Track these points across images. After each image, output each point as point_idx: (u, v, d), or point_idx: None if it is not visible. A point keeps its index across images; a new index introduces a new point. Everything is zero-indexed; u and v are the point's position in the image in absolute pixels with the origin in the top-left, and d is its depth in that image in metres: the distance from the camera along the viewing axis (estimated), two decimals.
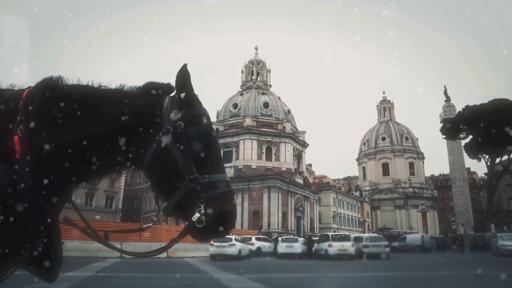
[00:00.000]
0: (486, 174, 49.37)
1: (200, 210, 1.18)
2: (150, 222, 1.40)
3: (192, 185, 1.20)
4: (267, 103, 60.76)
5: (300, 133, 64.00)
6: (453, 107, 53.86)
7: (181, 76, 1.28)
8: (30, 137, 1.19)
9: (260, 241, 26.85)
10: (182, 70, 1.28)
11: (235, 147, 56.52)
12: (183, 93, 1.28)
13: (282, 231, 48.51)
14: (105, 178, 1.38)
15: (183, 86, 1.28)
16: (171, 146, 1.22)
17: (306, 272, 13.58)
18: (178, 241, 1.30)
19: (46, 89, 1.28)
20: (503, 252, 22.53)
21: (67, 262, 5.27)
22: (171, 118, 1.25)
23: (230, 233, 20.66)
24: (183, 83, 1.28)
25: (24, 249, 1.19)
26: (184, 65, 1.29)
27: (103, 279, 10.13)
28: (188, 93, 1.29)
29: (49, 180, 1.19)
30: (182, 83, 1.28)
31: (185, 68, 1.28)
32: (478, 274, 11.63)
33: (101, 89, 1.34)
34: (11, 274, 1.26)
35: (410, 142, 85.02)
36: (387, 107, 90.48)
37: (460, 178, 51.96)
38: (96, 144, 1.24)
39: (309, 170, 79.04)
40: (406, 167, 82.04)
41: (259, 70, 66.43)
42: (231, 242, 20.38)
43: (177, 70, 1.29)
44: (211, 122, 1.34)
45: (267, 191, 51.95)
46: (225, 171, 1.31)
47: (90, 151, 1.24)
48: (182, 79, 1.28)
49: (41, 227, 1.21)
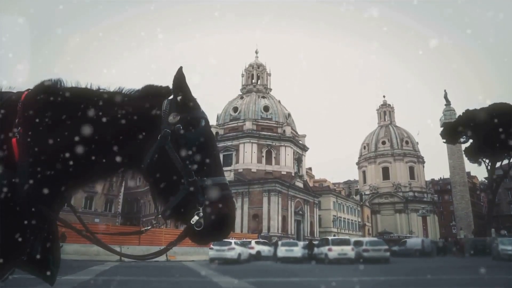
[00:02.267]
0: (486, 178, 49.29)
1: (198, 213, 1.18)
2: (150, 225, 1.40)
3: (190, 188, 1.19)
4: (267, 106, 60.82)
5: (300, 137, 64.01)
6: (453, 111, 53.96)
7: (177, 79, 1.28)
8: (28, 140, 1.19)
9: (260, 245, 26.77)
10: (177, 73, 1.28)
11: (235, 150, 56.49)
12: (179, 96, 1.28)
13: (282, 235, 48.35)
14: (104, 182, 1.38)
15: (179, 89, 1.28)
16: (170, 149, 1.22)
17: (305, 276, 13.53)
18: (177, 244, 1.30)
19: (45, 92, 1.28)
20: (503, 256, 22.47)
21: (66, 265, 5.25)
22: (170, 121, 1.25)
23: (230, 237, 20.74)
24: (179, 86, 1.28)
25: (21, 251, 1.18)
26: (180, 68, 1.29)
27: (102, 283, 10.08)
28: (185, 96, 1.29)
29: (47, 183, 1.19)
30: (178, 86, 1.28)
31: (181, 71, 1.28)
32: (479, 278, 11.58)
33: (99, 92, 1.34)
34: (9, 277, 1.26)
35: (410, 146, 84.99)
36: (387, 111, 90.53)
37: (460, 182, 51.95)
38: (95, 147, 1.24)
39: (309, 174, 78.95)
40: (406, 171, 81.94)
41: (260, 74, 66.57)
42: (230, 246, 20.32)
43: (176, 69, 1.29)
44: (209, 125, 1.33)
45: (267, 194, 51.85)
46: (223, 174, 1.30)
47: (89, 154, 1.23)
48: (178, 82, 1.28)
49: (39, 230, 1.20)
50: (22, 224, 1.14)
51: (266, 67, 67.57)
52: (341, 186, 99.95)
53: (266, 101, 61.75)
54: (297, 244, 25.03)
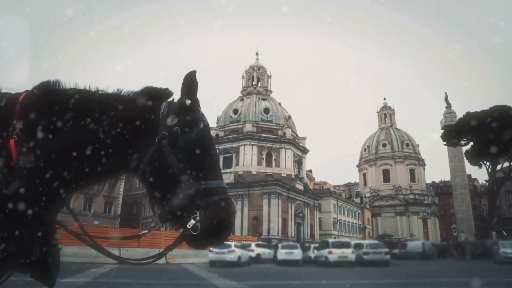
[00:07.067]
0: (487, 181, 49.27)
1: (195, 217, 1.16)
2: (148, 229, 1.38)
3: (188, 192, 1.18)
4: (267, 108, 60.86)
5: (301, 139, 63.98)
6: (454, 113, 54.00)
7: (188, 83, 1.25)
8: (26, 142, 1.18)
9: (260, 248, 26.68)
10: (190, 77, 1.25)
11: (235, 152, 56.46)
12: (189, 100, 1.25)
13: (282, 237, 48.23)
14: (102, 184, 1.36)
15: (189, 93, 1.26)
16: (167, 152, 1.21)
17: (306, 279, 13.49)
18: (173, 249, 1.29)
19: (43, 93, 1.28)
20: (504, 259, 22.40)
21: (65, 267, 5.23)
22: (168, 123, 1.23)
23: (230, 239, 20.67)
24: (189, 90, 1.26)
25: (20, 254, 1.17)
26: (193, 71, 1.26)
27: (101, 286, 10.05)
28: (192, 99, 1.27)
29: (45, 185, 1.18)
30: (188, 89, 1.26)
31: (194, 75, 1.25)
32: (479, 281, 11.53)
33: (98, 94, 1.33)
34: (7, 279, 1.25)
35: (411, 148, 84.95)
36: (387, 113, 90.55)
37: (461, 184, 51.92)
38: (93, 149, 1.23)
39: (310, 176, 78.87)
40: (407, 174, 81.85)
41: (260, 76, 66.65)
42: (230, 249, 20.26)
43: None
44: (208, 127, 1.31)
45: (267, 197, 51.77)
46: (222, 177, 1.28)
47: (87, 156, 1.22)
48: (189, 86, 1.26)
49: (37, 232, 1.20)
50: (20, 226, 1.14)
51: (267, 69, 67.71)
52: (341, 189, 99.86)
53: (267, 103, 61.78)
54: (297, 247, 24.99)
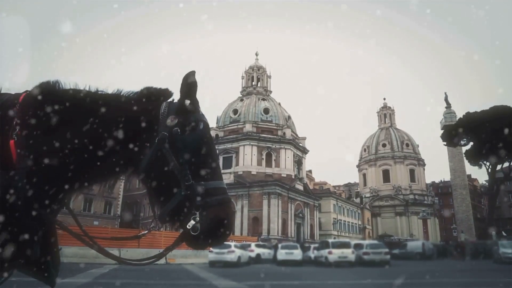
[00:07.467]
0: (487, 181, 49.28)
1: (195, 217, 1.16)
2: (147, 230, 1.38)
3: (187, 192, 1.18)
4: (267, 109, 60.85)
5: (301, 139, 63.96)
6: (453, 113, 53.97)
7: (188, 83, 1.24)
8: (26, 142, 1.18)
9: (260, 248, 26.69)
10: (189, 77, 1.24)
11: (235, 153, 56.44)
12: (188, 100, 1.25)
13: (282, 237, 48.21)
14: (102, 184, 1.36)
15: (188, 93, 1.25)
16: (167, 152, 1.20)
17: (306, 279, 13.48)
18: (173, 249, 1.29)
19: (43, 93, 1.28)
20: (504, 259, 22.41)
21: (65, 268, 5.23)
22: (168, 124, 1.23)
23: (229, 240, 20.66)
24: (189, 90, 1.25)
25: (20, 254, 1.17)
26: (193, 72, 1.25)
27: (101, 286, 10.04)
28: (191, 100, 1.26)
29: (45, 185, 1.18)
30: (187, 90, 1.25)
31: (193, 75, 1.25)
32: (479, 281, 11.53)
33: (98, 94, 1.33)
34: (8, 279, 1.25)
35: (411, 148, 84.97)
36: (387, 114, 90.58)
37: (461, 185, 51.88)
38: (92, 150, 1.23)
39: (309, 176, 78.86)
40: (407, 174, 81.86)
41: (260, 76, 66.65)
42: (230, 249, 20.25)
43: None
44: (208, 128, 1.31)
45: (267, 197, 51.76)
46: (222, 178, 1.28)
47: (86, 156, 1.22)
48: (189, 86, 1.25)
49: (37, 232, 1.20)
50: (20, 226, 1.14)
51: (266, 69, 67.71)
52: (341, 189, 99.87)
53: (266, 103, 61.78)
54: (297, 247, 25.00)
